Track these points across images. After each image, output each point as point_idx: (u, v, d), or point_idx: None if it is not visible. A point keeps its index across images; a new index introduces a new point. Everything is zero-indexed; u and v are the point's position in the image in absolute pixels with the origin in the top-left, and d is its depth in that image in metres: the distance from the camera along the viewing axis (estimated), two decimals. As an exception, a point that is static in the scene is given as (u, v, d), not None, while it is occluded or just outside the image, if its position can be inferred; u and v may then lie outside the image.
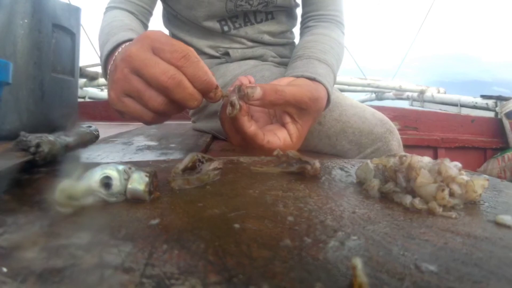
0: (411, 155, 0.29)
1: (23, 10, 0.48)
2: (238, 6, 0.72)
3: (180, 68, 0.37)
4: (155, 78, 0.37)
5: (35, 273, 0.15)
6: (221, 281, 0.14)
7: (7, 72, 0.33)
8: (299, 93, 0.47)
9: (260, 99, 0.43)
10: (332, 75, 0.60)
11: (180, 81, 0.37)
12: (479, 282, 0.15)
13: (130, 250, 0.17)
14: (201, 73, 0.38)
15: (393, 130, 0.71)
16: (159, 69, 0.37)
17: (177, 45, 0.38)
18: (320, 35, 0.69)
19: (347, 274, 0.16)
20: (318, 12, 0.76)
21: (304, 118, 0.50)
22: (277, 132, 0.49)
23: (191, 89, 0.38)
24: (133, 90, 0.39)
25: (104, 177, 0.24)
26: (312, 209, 0.24)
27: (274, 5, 0.74)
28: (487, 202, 0.28)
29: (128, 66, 0.38)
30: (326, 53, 0.63)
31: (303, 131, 0.50)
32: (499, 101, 2.15)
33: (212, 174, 0.30)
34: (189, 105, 0.39)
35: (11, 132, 0.46)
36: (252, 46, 0.79)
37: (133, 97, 0.40)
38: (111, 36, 0.55)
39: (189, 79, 0.38)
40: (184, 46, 0.38)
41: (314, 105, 0.50)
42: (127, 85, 0.39)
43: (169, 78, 0.37)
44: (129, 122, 1.04)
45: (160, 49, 0.38)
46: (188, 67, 0.37)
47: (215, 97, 0.40)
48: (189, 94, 0.38)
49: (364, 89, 3.68)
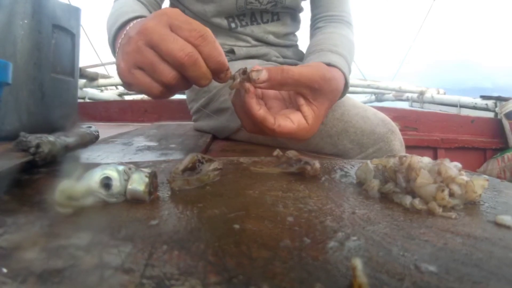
0: (411, 156, 0.29)
1: (23, 11, 0.48)
2: (248, 4, 0.73)
3: (196, 47, 0.38)
4: (173, 54, 0.37)
5: (35, 274, 0.15)
6: (221, 282, 0.14)
7: (7, 72, 0.33)
8: (309, 72, 0.46)
9: (267, 80, 0.43)
10: (346, 64, 0.59)
11: (197, 59, 0.38)
12: (479, 282, 0.15)
13: (130, 250, 0.17)
14: (216, 53, 0.39)
15: (395, 130, 0.71)
16: (177, 46, 0.37)
17: (195, 23, 0.38)
18: (330, 33, 0.70)
19: (347, 274, 0.16)
20: (327, 13, 0.77)
21: (319, 99, 0.48)
22: (290, 115, 0.47)
23: (204, 68, 0.39)
24: (146, 63, 0.40)
25: (104, 178, 0.24)
26: (312, 210, 0.24)
27: (282, 5, 0.76)
28: (487, 203, 0.28)
29: (144, 39, 0.39)
30: (337, 46, 0.63)
31: (319, 113, 0.49)
32: (498, 102, 2.15)
33: (212, 174, 0.30)
34: (200, 83, 0.40)
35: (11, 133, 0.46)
36: (256, 45, 0.80)
37: (144, 69, 0.40)
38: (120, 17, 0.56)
39: (204, 58, 0.38)
40: (201, 26, 0.39)
41: (328, 85, 0.48)
42: (140, 57, 0.40)
43: (186, 55, 0.37)
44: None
45: (178, 26, 0.38)
46: (204, 46, 0.38)
47: (225, 78, 0.41)
48: (202, 73, 0.39)
49: (364, 90, 3.68)
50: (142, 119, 1.63)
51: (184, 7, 0.76)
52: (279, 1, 0.74)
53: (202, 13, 0.74)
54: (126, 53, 0.41)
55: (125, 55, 0.41)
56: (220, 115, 0.77)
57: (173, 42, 0.38)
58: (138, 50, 0.39)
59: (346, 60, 0.60)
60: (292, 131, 0.46)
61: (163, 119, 1.46)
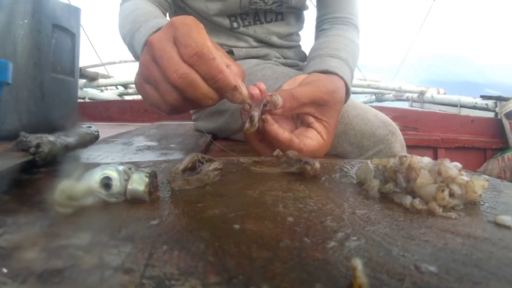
0: (411, 156, 0.29)
1: (23, 11, 0.48)
2: (253, 4, 0.71)
3: (192, 66, 0.35)
4: (167, 74, 0.36)
5: (35, 274, 0.15)
6: (221, 282, 0.14)
7: (7, 72, 0.33)
8: (311, 92, 0.46)
9: (282, 107, 0.42)
10: (347, 68, 0.58)
11: (192, 81, 0.35)
12: (479, 283, 0.15)
13: (130, 250, 0.17)
14: (214, 72, 0.35)
15: (396, 131, 0.70)
16: (171, 66, 0.35)
17: (193, 39, 0.35)
18: (335, 36, 0.69)
19: (347, 274, 0.16)
20: (334, 15, 0.75)
21: (327, 114, 0.48)
22: (307, 134, 0.47)
23: (204, 88, 0.36)
24: (152, 79, 0.38)
25: (104, 178, 0.23)
26: (312, 210, 0.24)
27: (288, 5, 0.74)
28: (487, 203, 0.28)
29: (150, 53, 0.37)
30: (339, 50, 0.62)
31: (330, 127, 0.48)
32: (499, 102, 2.15)
33: (212, 174, 0.30)
34: (203, 104, 0.37)
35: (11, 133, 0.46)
36: (257, 46, 0.78)
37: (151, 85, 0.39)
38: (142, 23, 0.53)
39: (203, 78, 0.36)
40: (200, 41, 0.35)
41: (333, 98, 0.48)
42: (147, 72, 0.38)
43: (179, 77, 0.35)
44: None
45: (178, 40, 0.36)
46: (201, 65, 0.35)
47: (232, 98, 0.38)
48: (202, 93, 0.36)
49: (364, 90, 3.68)
50: (142, 119, 1.63)
51: (185, 4, 0.74)
52: (284, 1, 0.73)
53: (204, 10, 0.72)
54: (140, 65, 0.40)
55: (139, 67, 0.40)
56: (220, 116, 0.77)
57: (168, 60, 0.35)
58: (146, 64, 0.38)
59: (347, 64, 0.59)
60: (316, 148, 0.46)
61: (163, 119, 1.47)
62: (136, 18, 0.57)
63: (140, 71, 0.40)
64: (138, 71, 0.41)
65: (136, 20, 0.56)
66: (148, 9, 0.62)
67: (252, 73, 0.71)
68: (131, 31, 0.56)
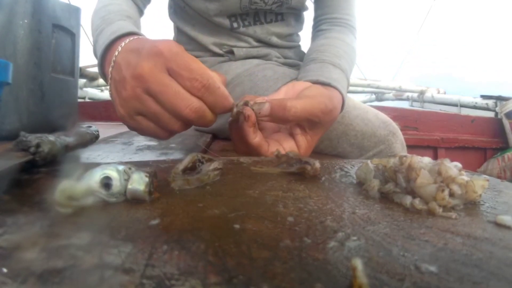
0: (411, 156, 0.29)
1: (23, 11, 0.48)
2: (253, 4, 0.71)
3: (201, 98, 0.37)
4: (178, 110, 0.36)
5: (35, 274, 0.15)
6: (221, 282, 0.14)
7: (7, 72, 0.33)
8: (311, 107, 0.45)
9: (268, 115, 0.42)
10: (346, 80, 0.59)
11: (204, 112, 0.37)
12: (479, 283, 0.15)
13: (130, 250, 0.17)
14: (222, 101, 0.38)
15: (396, 132, 0.70)
16: (183, 102, 0.36)
17: (196, 71, 0.36)
18: (334, 39, 0.69)
19: (347, 274, 0.16)
20: (332, 15, 0.75)
21: (315, 130, 0.48)
22: (283, 142, 0.47)
23: (210, 116, 0.38)
24: (149, 112, 0.38)
25: (104, 178, 0.23)
26: (312, 210, 0.24)
27: (288, 6, 0.74)
28: (487, 203, 0.28)
29: (141, 86, 0.37)
30: (340, 58, 0.62)
31: (312, 142, 0.49)
32: (499, 101, 2.15)
33: (212, 174, 0.30)
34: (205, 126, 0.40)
35: (11, 133, 0.46)
36: (257, 46, 0.78)
37: (147, 117, 0.39)
38: (106, 25, 0.52)
39: (209, 107, 0.37)
40: (204, 73, 0.36)
41: (327, 117, 0.48)
42: (141, 106, 0.38)
43: (193, 111, 0.36)
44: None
45: (177, 73, 0.36)
46: (209, 96, 0.37)
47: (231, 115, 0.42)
48: (209, 121, 0.38)
49: (364, 90, 3.68)
50: (142, 118, 1.63)
51: (185, 3, 0.74)
52: (284, 1, 0.72)
53: (204, 11, 0.72)
54: (124, 99, 0.39)
55: (123, 101, 0.39)
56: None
57: (176, 96, 0.36)
58: (137, 98, 0.37)
59: (346, 76, 0.59)
60: None
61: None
62: (105, 16, 0.54)
63: (128, 105, 0.39)
64: (122, 105, 0.40)
65: (104, 18, 0.54)
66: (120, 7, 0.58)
67: (253, 73, 0.71)
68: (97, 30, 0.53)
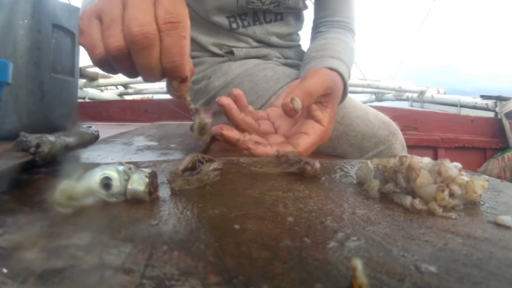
0: (411, 156, 0.29)
1: (23, 10, 0.48)
2: (250, 3, 0.71)
3: (161, 32, 0.31)
4: (130, 23, 0.31)
5: (35, 274, 0.15)
6: (221, 282, 0.14)
7: (7, 72, 0.33)
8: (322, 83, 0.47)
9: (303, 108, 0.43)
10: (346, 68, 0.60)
11: (150, 45, 0.31)
12: (479, 283, 0.15)
13: (130, 251, 0.17)
14: (176, 51, 0.32)
15: (397, 132, 0.70)
16: (139, 18, 0.31)
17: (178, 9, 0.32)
18: (333, 38, 0.70)
19: (347, 275, 0.16)
20: (332, 18, 0.76)
21: (332, 100, 0.50)
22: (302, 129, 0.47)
23: (155, 61, 0.32)
24: (107, 15, 0.33)
25: (104, 178, 0.23)
26: (312, 210, 0.24)
27: (285, 5, 0.74)
28: (487, 203, 0.28)
29: None
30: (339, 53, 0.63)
31: (333, 114, 0.50)
32: (499, 101, 2.15)
33: (212, 174, 0.30)
34: (143, 75, 0.34)
35: (11, 133, 0.46)
36: (257, 46, 0.78)
37: (101, 23, 0.33)
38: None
39: (161, 51, 0.32)
40: (183, 16, 0.32)
41: (336, 86, 0.50)
42: (107, 6, 0.33)
43: (142, 33, 0.31)
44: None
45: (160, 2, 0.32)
46: (168, 35, 0.31)
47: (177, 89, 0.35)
48: (149, 64, 0.32)
49: (364, 90, 3.68)
50: (142, 119, 1.63)
51: None
52: (282, 1, 0.73)
53: (202, 10, 0.72)
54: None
55: (99, 1, 0.34)
56: (219, 117, 0.77)
57: (139, 10, 0.31)
58: (112, 0, 0.33)
59: (347, 66, 0.61)
60: (313, 141, 0.47)
61: (163, 119, 1.46)
62: None
63: (98, 3, 0.34)
64: (94, 4, 0.34)
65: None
66: None
67: (253, 74, 0.71)
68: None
